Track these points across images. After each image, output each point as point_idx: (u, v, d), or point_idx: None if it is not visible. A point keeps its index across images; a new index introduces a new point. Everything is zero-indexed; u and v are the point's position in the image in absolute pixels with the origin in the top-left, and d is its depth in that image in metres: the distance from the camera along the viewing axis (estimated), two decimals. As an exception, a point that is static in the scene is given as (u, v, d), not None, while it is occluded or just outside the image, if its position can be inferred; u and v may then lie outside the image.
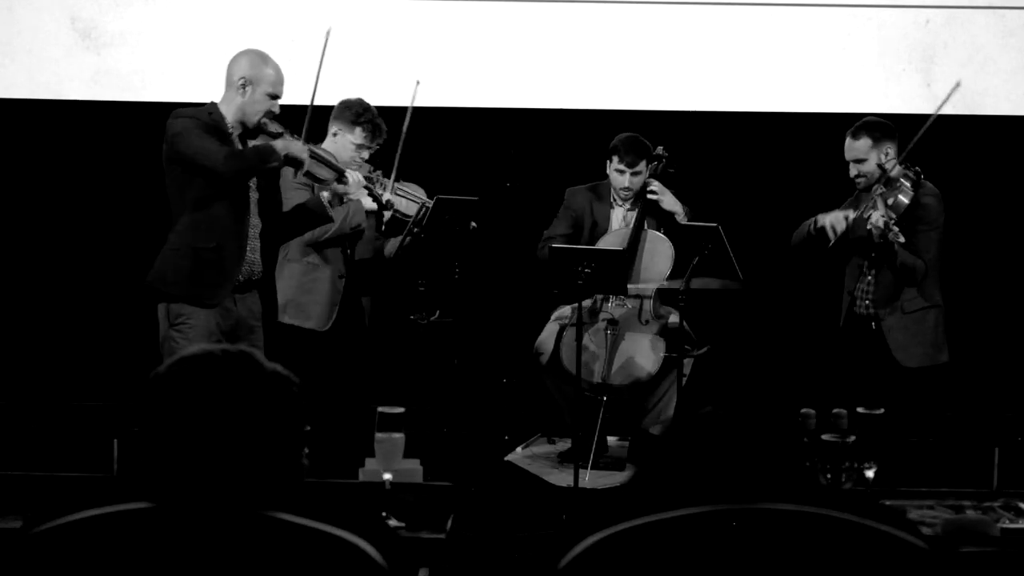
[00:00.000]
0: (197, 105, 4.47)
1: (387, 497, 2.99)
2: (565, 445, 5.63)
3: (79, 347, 6.08)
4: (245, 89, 4.39)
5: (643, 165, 5.53)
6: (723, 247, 5.12)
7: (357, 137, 5.06)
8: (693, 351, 5.41)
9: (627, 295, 5.43)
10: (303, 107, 4.69)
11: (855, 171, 5.00)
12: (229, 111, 4.41)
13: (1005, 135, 6.02)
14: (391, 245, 5.19)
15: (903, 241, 4.79)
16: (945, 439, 5.03)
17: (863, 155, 4.97)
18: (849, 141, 5.02)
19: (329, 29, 4.71)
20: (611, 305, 5.53)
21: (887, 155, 4.96)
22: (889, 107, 5.12)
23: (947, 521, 3.00)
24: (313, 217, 4.89)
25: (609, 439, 5.63)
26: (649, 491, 1.87)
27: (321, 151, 4.90)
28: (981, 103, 5.97)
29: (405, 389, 5.08)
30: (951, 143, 5.85)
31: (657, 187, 5.52)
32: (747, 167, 6.13)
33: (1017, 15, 5.96)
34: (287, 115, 4.53)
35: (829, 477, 3.05)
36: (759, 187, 6.09)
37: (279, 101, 4.46)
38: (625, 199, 5.59)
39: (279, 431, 1.86)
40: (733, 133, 6.08)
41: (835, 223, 4.97)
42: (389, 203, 4.98)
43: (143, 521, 1.79)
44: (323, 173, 4.83)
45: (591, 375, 5.36)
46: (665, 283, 5.45)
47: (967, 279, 5.81)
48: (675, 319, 5.39)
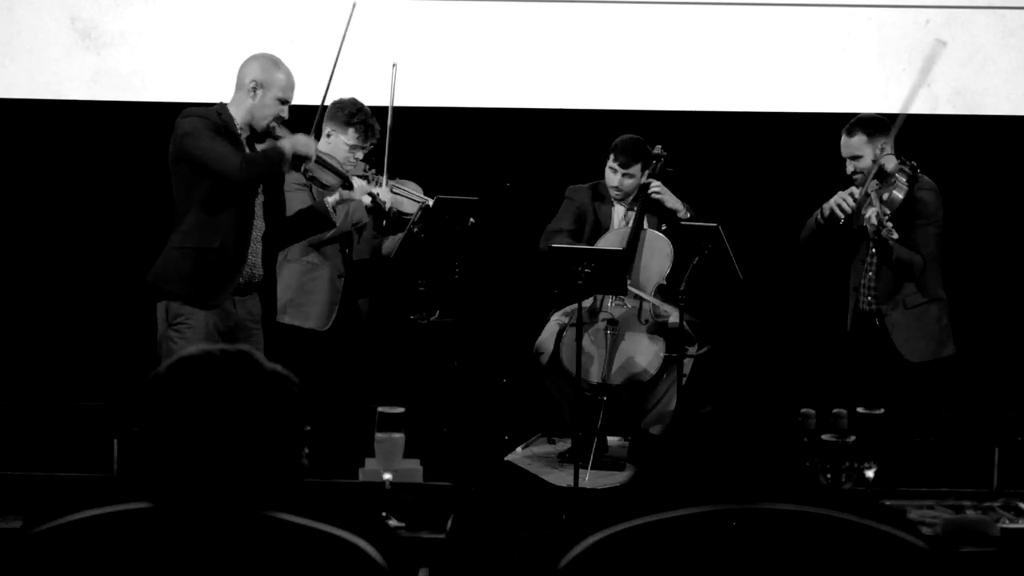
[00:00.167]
0: (205, 105, 4.46)
1: (387, 497, 2.99)
2: (565, 445, 5.63)
3: (79, 347, 6.08)
4: (256, 93, 4.38)
5: (636, 168, 5.53)
6: (723, 247, 5.12)
7: (350, 138, 5.06)
8: (693, 351, 5.41)
9: (627, 295, 5.44)
10: (305, 107, 4.69)
11: (851, 168, 5.00)
12: (238, 113, 4.40)
13: (1005, 135, 6.02)
14: (389, 243, 5.19)
15: (896, 237, 4.79)
16: (945, 439, 5.03)
17: (858, 151, 4.97)
18: (844, 138, 5.01)
19: (355, 3, 4.68)
20: (611, 305, 5.53)
21: (882, 150, 4.95)
22: (889, 107, 5.11)
23: (947, 521, 3.00)
24: (317, 221, 4.90)
25: (609, 439, 5.63)
26: (649, 491, 1.87)
27: (327, 157, 4.91)
28: (981, 103, 5.97)
29: (405, 389, 5.08)
30: (951, 143, 5.85)
31: (658, 186, 5.52)
32: (747, 167, 6.13)
33: (1017, 15, 5.96)
34: (291, 115, 4.53)
35: (829, 477, 3.05)
36: (759, 187, 6.09)
37: (288, 106, 4.46)
38: (616, 199, 5.60)
39: (279, 431, 1.86)
40: (733, 133, 6.08)
41: (840, 201, 4.93)
42: (392, 209, 4.97)
43: (143, 521, 1.79)
44: (328, 179, 4.84)
45: (591, 375, 5.36)
46: (664, 281, 5.47)
47: (967, 279, 5.81)
48: (675, 319, 5.39)
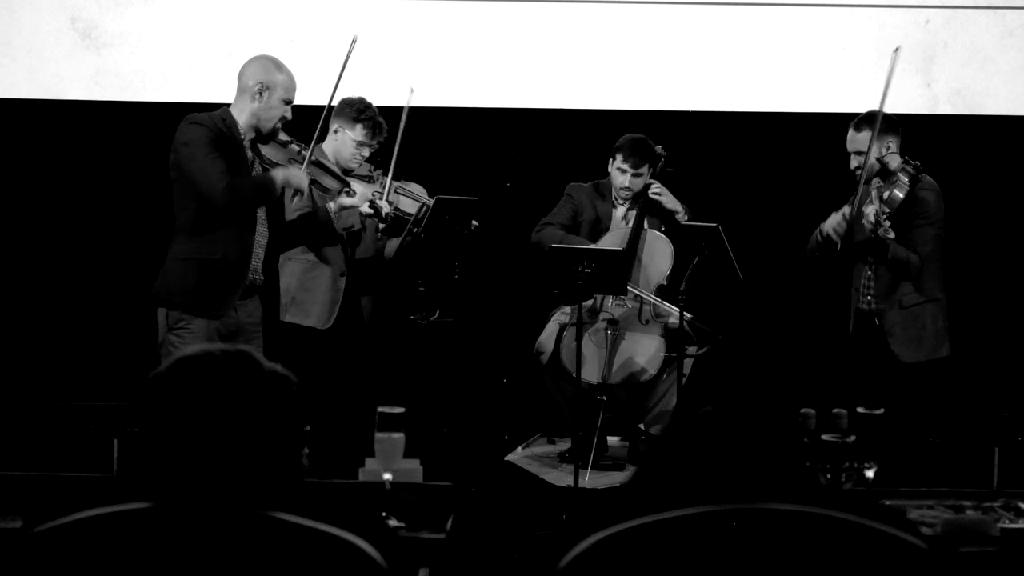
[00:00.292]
0: (207, 107, 4.44)
1: (387, 497, 2.99)
2: (565, 445, 5.63)
3: (79, 347, 6.08)
4: (261, 95, 4.35)
5: (645, 168, 5.53)
6: (723, 247, 5.12)
7: (358, 134, 5.06)
8: (693, 351, 5.41)
9: (627, 295, 5.44)
10: (305, 107, 4.69)
11: (855, 163, 4.99)
12: (242, 117, 4.37)
13: (1005, 135, 6.02)
14: (391, 246, 5.19)
15: (892, 236, 4.79)
16: (945, 439, 5.03)
17: (864, 147, 4.95)
18: (851, 132, 5.01)
19: (355, 37, 4.68)
20: (611, 305, 5.53)
21: (888, 148, 4.95)
22: (889, 107, 5.11)
23: (947, 521, 3.00)
24: (320, 227, 4.89)
25: (609, 439, 5.63)
26: (649, 491, 1.87)
27: (326, 162, 4.90)
28: (981, 103, 5.97)
29: (405, 389, 5.08)
30: (951, 143, 5.85)
31: (658, 186, 5.52)
32: (747, 167, 6.13)
33: (1017, 15, 5.96)
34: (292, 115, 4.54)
35: (829, 477, 3.05)
36: (759, 187, 6.08)
37: (291, 107, 4.45)
38: (624, 199, 5.59)
39: (279, 431, 1.86)
40: (733, 133, 6.08)
41: (835, 227, 4.97)
42: (388, 216, 4.96)
43: (143, 521, 1.79)
44: (328, 182, 4.83)
45: (591, 375, 5.36)
46: (664, 281, 5.48)
47: (967, 279, 5.81)
48: (675, 319, 5.39)
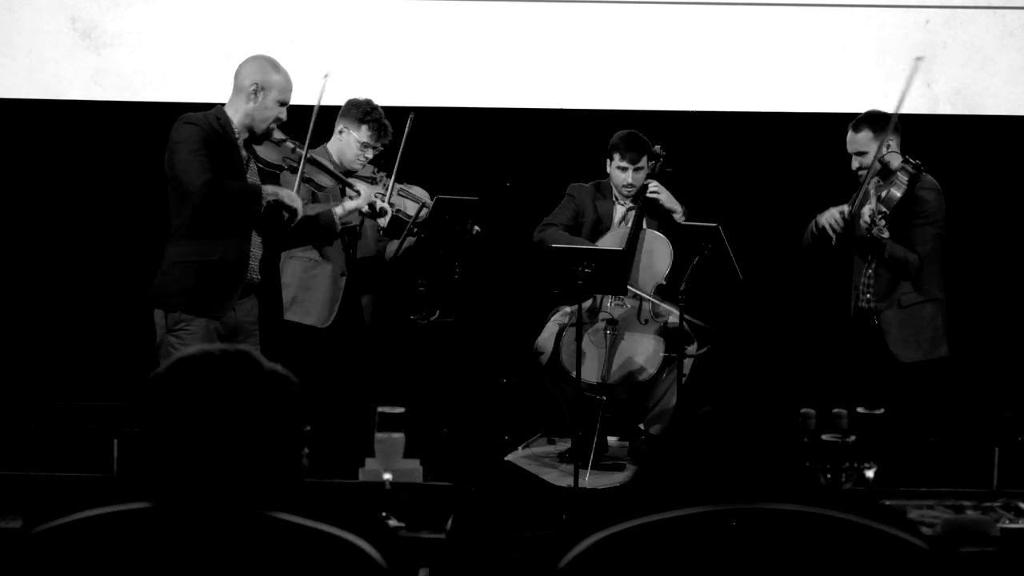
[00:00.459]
0: (206, 107, 4.44)
1: (387, 497, 2.99)
2: (565, 445, 5.63)
3: (79, 347, 6.08)
4: (256, 95, 4.35)
5: (644, 161, 5.54)
6: (723, 247, 5.12)
7: (362, 135, 5.05)
8: (693, 351, 5.41)
9: (626, 295, 5.44)
10: (304, 107, 4.69)
11: (856, 163, 4.99)
12: (236, 116, 4.37)
13: (1005, 135, 6.02)
14: (391, 248, 5.18)
15: (887, 236, 4.80)
16: (945, 439, 5.03)
17: (864, 147, 4.96)
18: (851, 133, 5.01)
19: (327, 74, 4.66)
20: (611, 305, 5.53)
21: (888, 147, 4.94)
22: (889, 107, 5.10)
23: (947, 521, 3.00)
24: (321, 230, 4.88)
25: (609, 439, 5.63)
26: (649, 491, 1.87)
27: (322, 160, 4.88)
28: (981, 103, 5.97)
29: (405, 389, 5.08)
30: (951, 143, 5.85)
31: (656, 186, 5.52)
32: (747, 167, 6.13)
33: (1017, 15, 5.96)
34: (288, 114, 4.53)
35: (829, 477, 3.05)
36: (759, 187, 6.08)
37: (287, 108, 4.44)
38: (627, 196, 5.59)
39: (279, 431, 1.86)
40: (733, 133, 6.08)
41: (831, 221, 4.97)
42: (383, 210, 4.95)
43: (143, 521, 1.79)
44: (323, 180, 4.82)
45: (591, 375, 5.35)
46: (663, 280, 5.48)
47: (967, 279, 5.81)
48: (675, 319, 5.39)
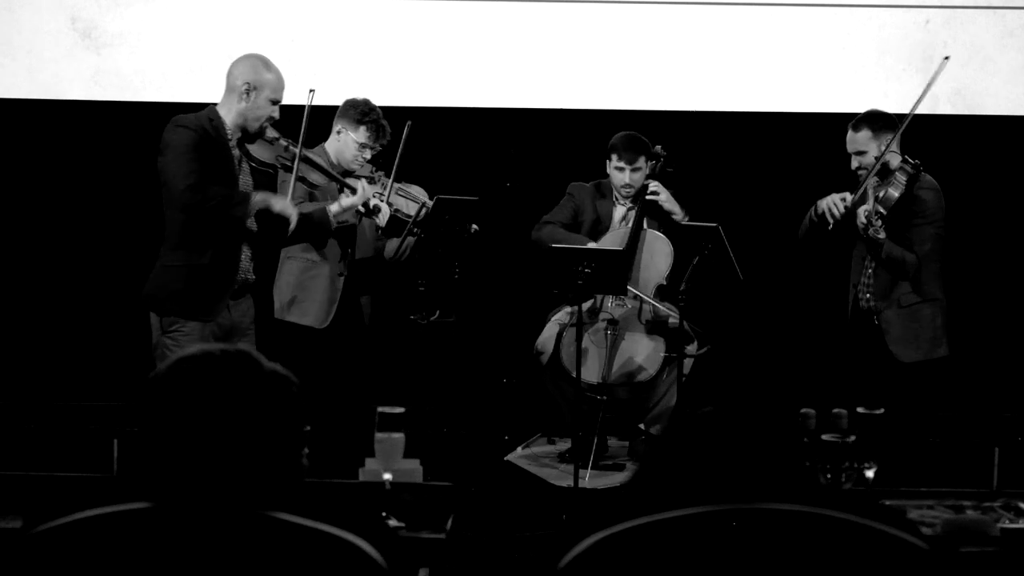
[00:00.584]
0: (199, 107, 4.44)
1: (387, 497, 2.99)
2: (565, 445, 5.63)
3: (79, 347, 6.08)
4: (249, 95, 4.36)
5: (642, 161, 5.53)
6: (723, 247, 5.12)
7: (360, 136, 5.05)
8: (693, 351, 5.41)
9: (627, 295, 5.44)
10: (303, 107, 4.69)
11: (856, 163, 4.98)
12: (229, 116, 4.38)
13: (1005, 135, 6.02)
14: (390, 247, 5.18)
15: (882, 237, 4.80)
16: (945, 439, 5.03)
17: (863, 147, 4.95)
18: (850, 133, 5.00)
19: (313, 90, 4.65)
20: (611, 305, 5.53)
21: (887, 147, 4.94)
22: (889, 107, 5.10)
23: (947, 521, 3.01)
24: (316, 228, 4.88)
25: (609, 439, 5.63)
26: (649, 491, 1.87)
27: (316, 157, 4.87)
28: (981, 103, 5.97)
29: (405, 389, 5.08)
30: (951, 143, 5.85)
31: (656, 186, 5.52)
32: (747, 167, 6.12)
33: (1017, 15, 5.96)
34: (288, 114, 4.53)
35: (829, 477, 3.05)
36: (759, 187, 6.08)
37: (279, 106, 4.44)
38: (626, 196, 5.59)
39: (279, 431, 1.86)
40: (733, 133, 6.08)
41: (831, 206, 4.95)
42: (376, 207, 4.95)
43: (143, 521, 1.79)
44: (315, 178, 4.81)
45: (591, 375, 5.35)
46: (664, 281, 5.48)
47: (967, 279, 5.81)
48: (675, 319, 5.39)
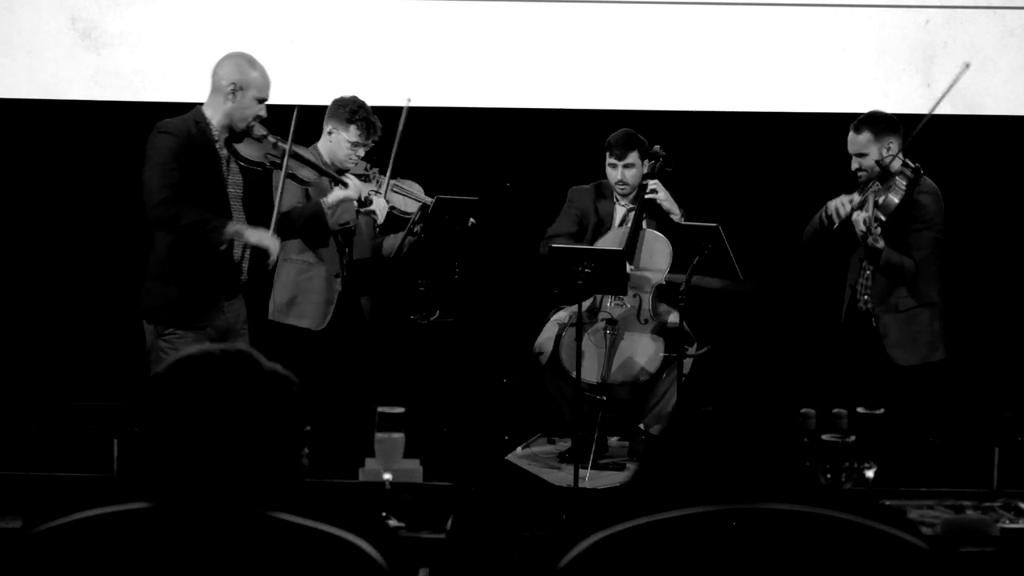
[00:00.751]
0: (187, 107, 4.44)
1: (387, 497, 2.99)
2: (565, 445, 5.63)
3: (79, 347, 6.08)
4: (235, 95, 4.35)
5: (634, 157, 5.52)
6: (723, 247, 5.12)
7: (352, 135, 5.04)
8: (693, 351, 5.41)
9: (626, 295, 5.44)
10: (305, 107, 4.68)
11: (856, 164, 4.96)
12: (216, 116, 4.37)
13: (1005, 135, 6.02)
14: (389, 244, 5.18)
15: (881, 246, 4.77)
16: (945, 439, 5.03)
17: (864, 149, 4.93)
18: (851, 134, 4.97)
19: (297, 108, 4.61)
20: (610, 305, 5.53)
21: (888, 150, 4.92)
22: (889, 107, 5.11)
23: (947, 521, 3.01)
24: (311, 220, 4.88)
25: (609, 439, 5.63)
26: (649, 491, 1.87)
27: (307, 154, 4.86)
28: (981, 103, 5.96)
29: (405, 389, 5.08)
30: (951, 143, 5.85)
31: (655, 185, 5.51)
32: (747, 167, 6.12)
33: (1017, 15, 5.95)
34: (288, 114, 4.53)
35: (829, 477, 3.05)
36: (759, 187, 6.08)
37: (265, 104, 4.44)
38: (622, 194, 5.59)
39: (279, 431, 1.86)
40: (733, 133, 6.08)
41: (839, 206, 4.93)
42: (368, 200, 4.95)
43: (143, 521, 1.79)
44: (304, 174, 4.81)
45: (591, 375, 5.36)
46: (665, 277, 5.47)
47: (967, 279, 5.81)
48: (674, 319, 5.39)
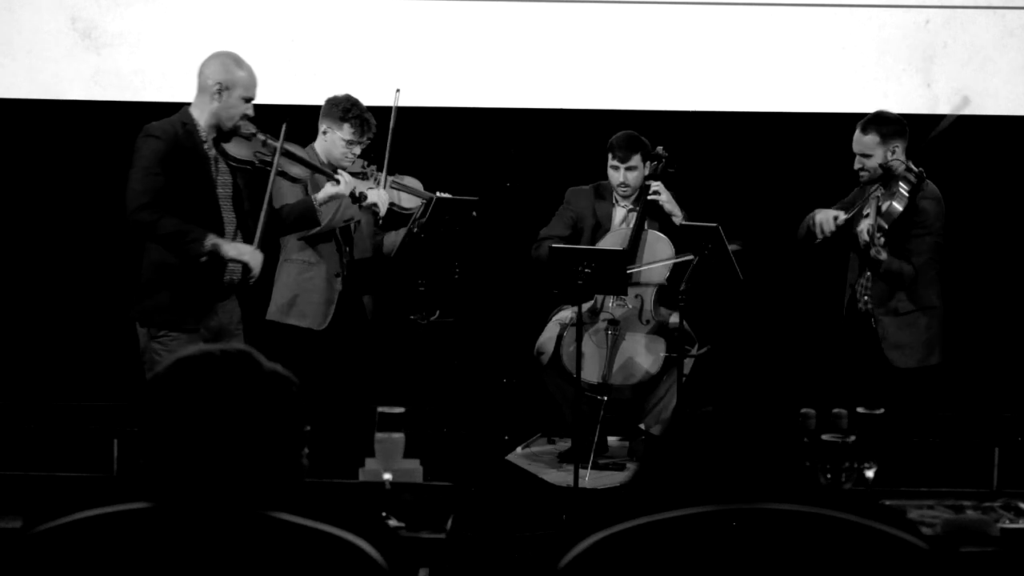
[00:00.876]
0: (174, 108, 4.43)
1: (387, 497, 2.99)
2: (565, 445, 5.63)
3: (79, 348, 6.08)
4: (221, 95, 4.35)
5: (637, 159, 5.52)
6: (723, 247, 5.12)
7: (346, 133, 5.04)
8: (693, 351, 5.41)
9: (627, 295, 5.44)
10: (304, 107, 4.68)
11: (859, 164, 4.92)
12: (203, 117, 4.38)
13: (1005, 135, 6.02)
14: (390, 241, 5.18)
15: (884, 258, 4.74)
16: (945, 439, 5.03)
17: (869, 150, 4.89)
18: (857, 134, 4.93)
19: (286, 122, 4.62)
20: (611, 305, 5.53)
21: (893, 153, 4.88)
22: (889, 107, 5.10)
23: (947, 521, 3.01)
24: (303, 216, 4.88)
25: (609, 439, 5.63)
26: (649, 491, 1.87)
27: (298, 151, 4.86)
28: (981, 103, 5.96)
29: (405, 389, 5.08)
30: (951, 143, 5.84)
31: (658, 186, 5.51)
32: (747, 167, 6.12)
33: (1017, 15, 5.96)
34: (289, 114, 4.53)
35: (829, 477, 3.05)
36: (759, 187, 6.08)
37: (253, 103, 4.43)
38: (623, 196, 5.59)
39: (279, 431, 1.86)
40: (733, 133, 6.08)
41: (824, 223, 4.92)
42: (363, 195, 4.95)
43: (143, 521, 1.79)
44: (295, 171, 4.81)
45: (591, 375, 5.36)
46: (664, 281, 5.48)
47: (967, 279, 5.81)
48: (675, 319, 5.39)
